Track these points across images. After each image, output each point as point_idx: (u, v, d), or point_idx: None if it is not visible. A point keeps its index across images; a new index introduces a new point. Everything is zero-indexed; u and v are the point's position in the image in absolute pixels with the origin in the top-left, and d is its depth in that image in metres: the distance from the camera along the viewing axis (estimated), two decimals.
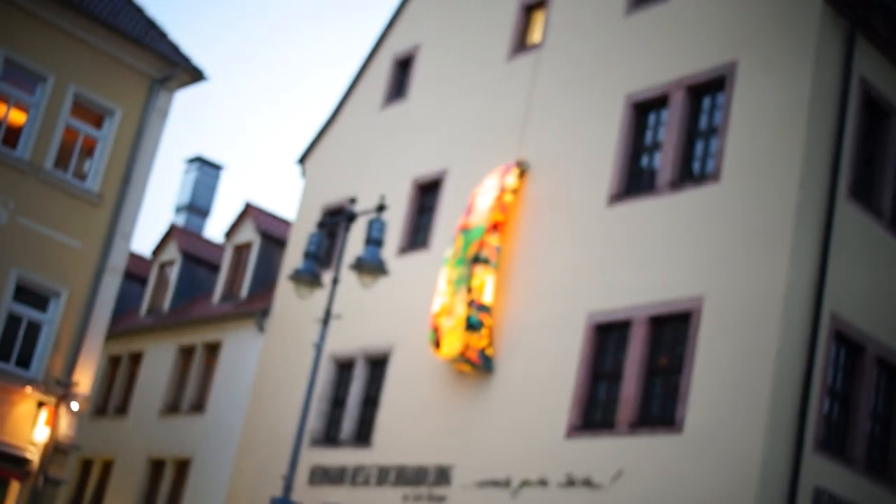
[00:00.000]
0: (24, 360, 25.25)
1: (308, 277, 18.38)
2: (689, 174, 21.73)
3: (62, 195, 26.00)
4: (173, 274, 37.06)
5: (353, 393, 27.01)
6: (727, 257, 20.13)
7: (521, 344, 23.22)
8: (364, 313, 26.07)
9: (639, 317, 21.18)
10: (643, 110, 22.99)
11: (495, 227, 23.96)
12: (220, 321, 32.61)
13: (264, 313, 30.91)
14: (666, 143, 22.17)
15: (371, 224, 18.34)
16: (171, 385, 33.61)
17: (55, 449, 24.85)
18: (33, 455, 24.59)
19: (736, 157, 20.67)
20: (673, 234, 21.26)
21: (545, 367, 22.52)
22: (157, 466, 32.77)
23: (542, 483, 21.51)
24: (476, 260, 23.71)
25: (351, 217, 18.97)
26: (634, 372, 20.92)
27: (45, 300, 25.76)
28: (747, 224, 20.05)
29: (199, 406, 32.22)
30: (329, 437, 27.21)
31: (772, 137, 20.30)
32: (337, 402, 27.56)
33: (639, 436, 20.36)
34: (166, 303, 36.53)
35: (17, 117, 25.76)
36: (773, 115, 20.36)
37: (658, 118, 22.72)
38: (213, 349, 32.79)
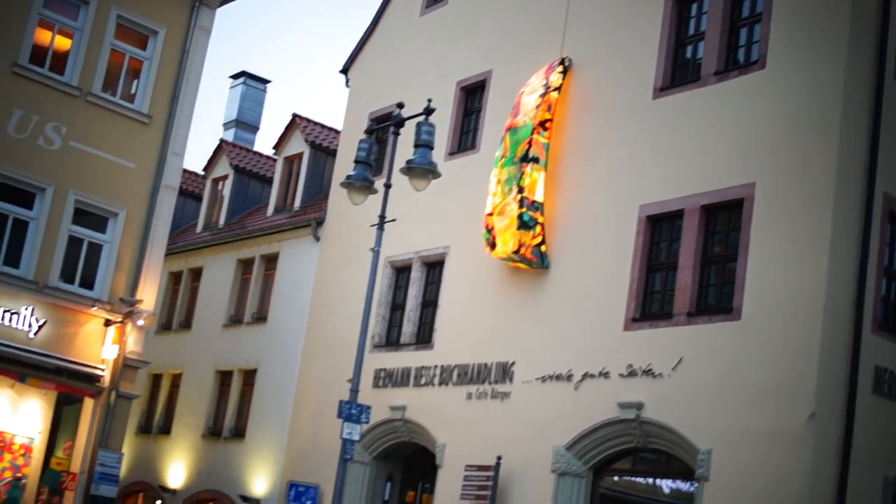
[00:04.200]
0: (88, 282, 25.73)
1: (361, 183, 18.63)
2: (733, 62, 21.65)
3: (112, 117, 26.27)
4: (226, 189, 37.43)
5: (411, 296, 27.36)
6: (776, 143, 20.11)
7: (574, 239, 23.38)
8: (417, 217, 26.32)
9: (691, 207, 21.26)
10: (685, 0, 22.85)
11: (542, 125, 24.00)
12: (275, 232, 32.97)
13: (319, 222, 31.22)
14: (709, 32, 22.06)
15: (420, 127, 18.51)
16: (233, 297, 34.13)
17: (125, 365, 25.40)
18: (104, 372, 25.16)
19: (780, 43, 20.55)
20: (720, 122, 21.24)
21: (600, 261, 22.69)
22: (224, 377, 33.42)
23: (604, 375, 21.81)
24: (525, 159, 23.79)
25: (400, 122, 19.12)
26: (689, 262, 21.05)
27: (104, 221, 26.16)
28: (795, 109, 20.00)
29: (261, 317, 32.72)
30: (390, 340, 27.64)
31: (815, 20, 20.15)
32: (395, 306, 27.94)
33: (697, 324, 20.55)
34: (222, 217, 36.96)
35: (63, 43, 25.96)
36: None
37: (700, 7, 22.59)
38: (270, 260, 33.20)
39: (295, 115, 34.79)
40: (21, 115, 24.86)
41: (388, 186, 18.82)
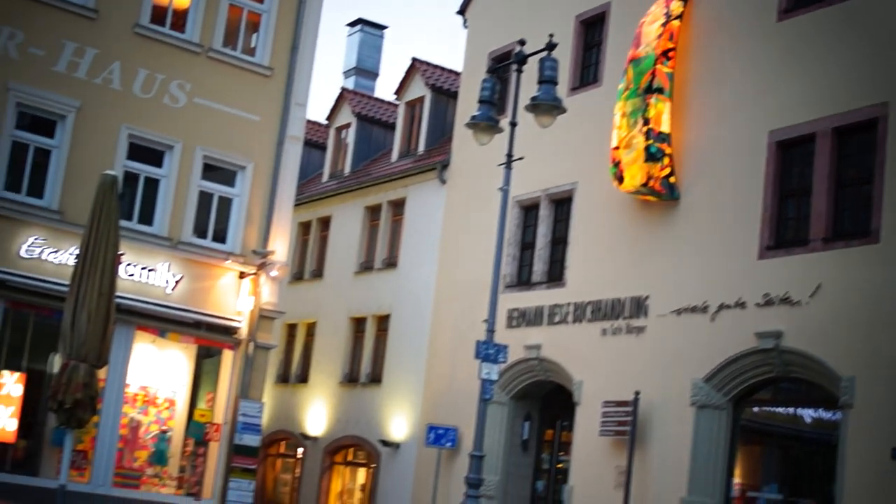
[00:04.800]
0: (220, 236, 26.09)
1: (486, 123, 18.52)
2: None
3: (234, 72, 26.47)
4: (350, 137, 37.62)
5: (540, 235, 27.24)
6: None
7: (704, 169, 23.01)
8: (543, 155, 26.12)
9: (822, 130, 20.75)
10: None
11: (665, 55, 23.58)
12: (401, 178, 33.07)
13: (444, 165, 31.22)
14: None
15: (543, 63, 18.31)
16: (362, 244, 34.38)
17: (261, 316, 25.75)
18: (241, 324, 25.55)
19: None
20: (849, 42, 20.64)
21: (731, 189, 22.31)
22: (358, 324, 33.75)
23: (740, 305, 21.50)
24: (649, 90, 23.43)
25: (522, 59, 18.91)
26: (823, 186, 20.58)
27: (232, 175, 26.45)
28: None
29: (391, 262, 32.92)
30: (521, 279, 27.60)
31: None
32: (525, 245, 27.85)
33: (834, 249, 20.12)
34: (347, 165, 37.19)
35: (182, 1, 26.17)
36: None
37: None
38: (398, 206, 33.33)
39: (414, 60, 34.74)
40: (146, 75, 25.20)
41: (513, 125, 18.68)
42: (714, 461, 21.90)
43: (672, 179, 23.30)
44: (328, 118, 38.94)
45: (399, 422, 30.74)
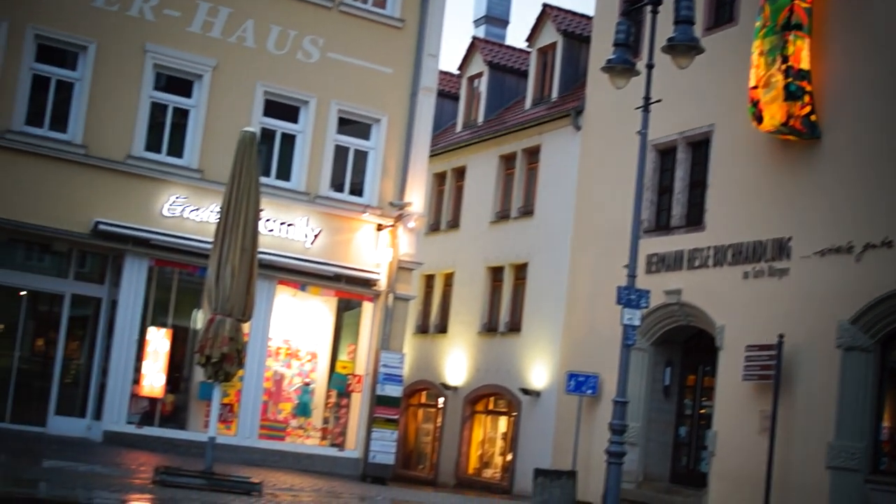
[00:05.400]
0: (357, 189, 26.30)
1: (622, 66, 18.27)
2: None
3: (366, 25, 26.53)
4: (482, 86, 37.48)
5: (678, 178, 26.87)
6: None
7: (846, 107, 22.40)
8: (679, 97, 25.67)
9: None
10: None
11: None
12: (535, 125, 32.87)
13: (578, 111, 30.94)
14: None
15: (679, 3, 17.98)
16: (498, 194, 34.32)
17: (399, 268, 25.93)
18: (380, 276, 25.75)
19: None
20: None
21: (875, 127, 21.71)
22: (495, 273, 33.77)
23: (886, 244, 20.97)
24: (787, 26, 22.84)
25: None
26: None
27: (367, 128, 26.60)
28: None
29: (527, 211, 32.81)
30: (660, 224, 27.28)
31: None
32: (662, 189, 27.50)
33: None
34: (480, 115, 37.09)
35: None
36: None
37: None
38: (532, 153, 33.17)
39: (545, 6, 34.40)
40: (279, 32, 25.40)
41: (650, 67, 18.39)
42: (861, 404, 21.46)
43: (813, 118, 22.73)
44: (460, 68, 38.84)
45: (539, 370, 30.74)
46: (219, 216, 16.88)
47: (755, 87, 23.24)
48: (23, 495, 11.96)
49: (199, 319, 24.48)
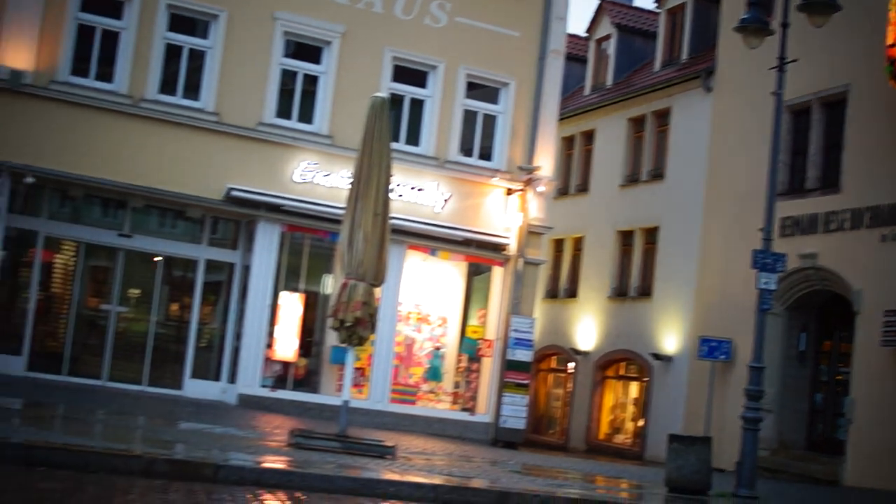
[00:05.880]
0: (486, 153, 26.21)
1: (756, 26, 17.84)
2: None
3: None
4: (611, 48, 37.09)
5: (813, 140, 26.33)
6: None
7: None
8: (813, 56, 25.07)
9: None
10: None
11: None
12: (665, 87, 32.45)
13: (709, 72, 30.46)
14: None
15: None
16: (627, 157, 33.98)
17: (529, 232, 25.80)
18: (510, 241, 25.66)
19: None
20: None
21: None
22: (625, 237, 33.48)
23: None
24: None
25: None
26: None
27: (495, 92, 26.47)
28: None
29: (657, 174, 32.44)
30: (794, 186, 26.74)
31: None
32: (796, 150, 26.93)
33: None
34: (609, 77, 36.73)
35: None
36: None
37: None
38: (662, 116, 32.75)
39: None
40: None
41: (784, 26, 17.92)
42: None
43: None
44: (588, 30, 38.48)
45: (670, 335, 30.43)
46: (350, 181, 16.92)
47: (892, 46, 22.58)
48: (161, 456, 12.15)
49: (329, 284, 24.69)
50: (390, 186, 16.77)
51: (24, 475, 10.54)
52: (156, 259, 24.16)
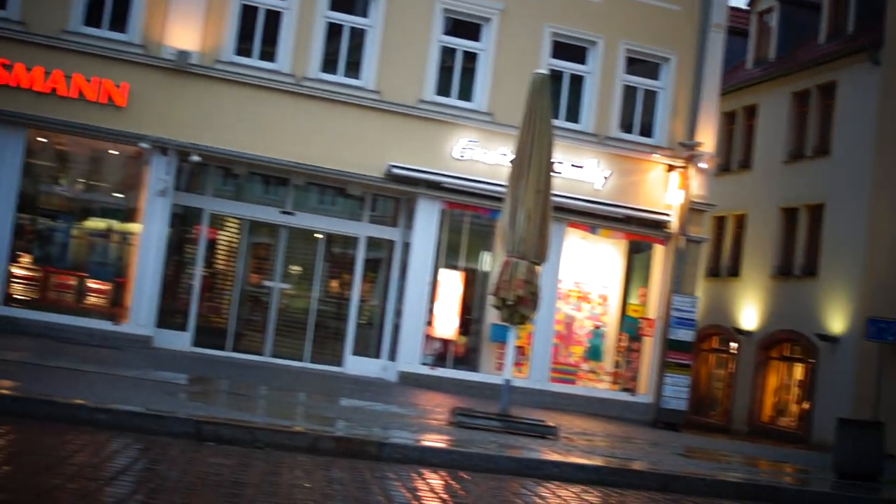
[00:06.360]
0: (646, 130, 25.83)
1: None
2: None
3: None
4: (773, 21, 36.22)
5: None
6: None
7: None
8: None
9: None
10: None
11: None
12: (830, 61, 31.56)
13: (876, 46, 29.50)
14: None
15: None
16: (791, 132, 33.16)
17: (690, 209, 25.36)
18: (671, 218, 25.25)
19: None
20: None
21: None
22: (789, 215, 32.70)
23: None
24: None
25: None
26: None
27: (656, 68, 26.04)
28: None
29: (823, 150, 31.58)
30: None
31: None
32: None
33: None
34: (771, 51, 35.88)
35: None
36: None
37: None
38: (827, 90, 31.86)
39: None
40: None
41: None
42: None
43: None
44: (750, 3, 37.66)
45: (836, 315, 29.63)
46: (512, 159, 16.80)
47: None
48: (323, 433, 12.21)
49: (487, 262, 24.65)
50: (552, 163, 16.59)
51: (193, 450, 10.68)
52: (317, 236, 24.38)
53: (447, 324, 24.20)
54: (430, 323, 24.10)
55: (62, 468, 8.79)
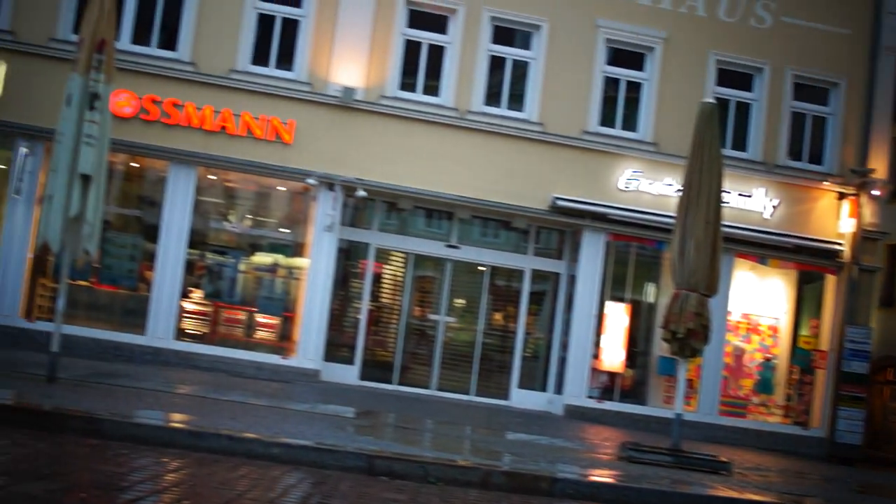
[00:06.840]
0: (815, 157, 25.26)
1: None
2: None
3: None
4: None
5: None
6: None
7: None
8: None
9: None
10: None
11: None
12: None
13: None
14: None
15: None
16: None
17: (863, 238, 24.69)
18: (843, 247, 24.62)
19: None
20: None
21: None
22: None
23: None
24: None
25: None
26: None
27: (825, 93, 25.47)
28: None
29: None
30: None
31: None
32: None
33: None
34: None
35: None
36: None
37: None
38: None
39: None
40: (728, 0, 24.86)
41: None
42: None
43: None
44: None
45: None
46: (680, 190, 16.58)
47: None
48: (494, 468, 12.15)
49: (654, 294, 24.36)
50: (721, 193, 16.31)
51: (365, 484, 10.72)
52: (480, 268, 24.40)
53: (614, 356, 23.96)
54: (596, 356, 23.88)
55: (240, 503, 8.88)
